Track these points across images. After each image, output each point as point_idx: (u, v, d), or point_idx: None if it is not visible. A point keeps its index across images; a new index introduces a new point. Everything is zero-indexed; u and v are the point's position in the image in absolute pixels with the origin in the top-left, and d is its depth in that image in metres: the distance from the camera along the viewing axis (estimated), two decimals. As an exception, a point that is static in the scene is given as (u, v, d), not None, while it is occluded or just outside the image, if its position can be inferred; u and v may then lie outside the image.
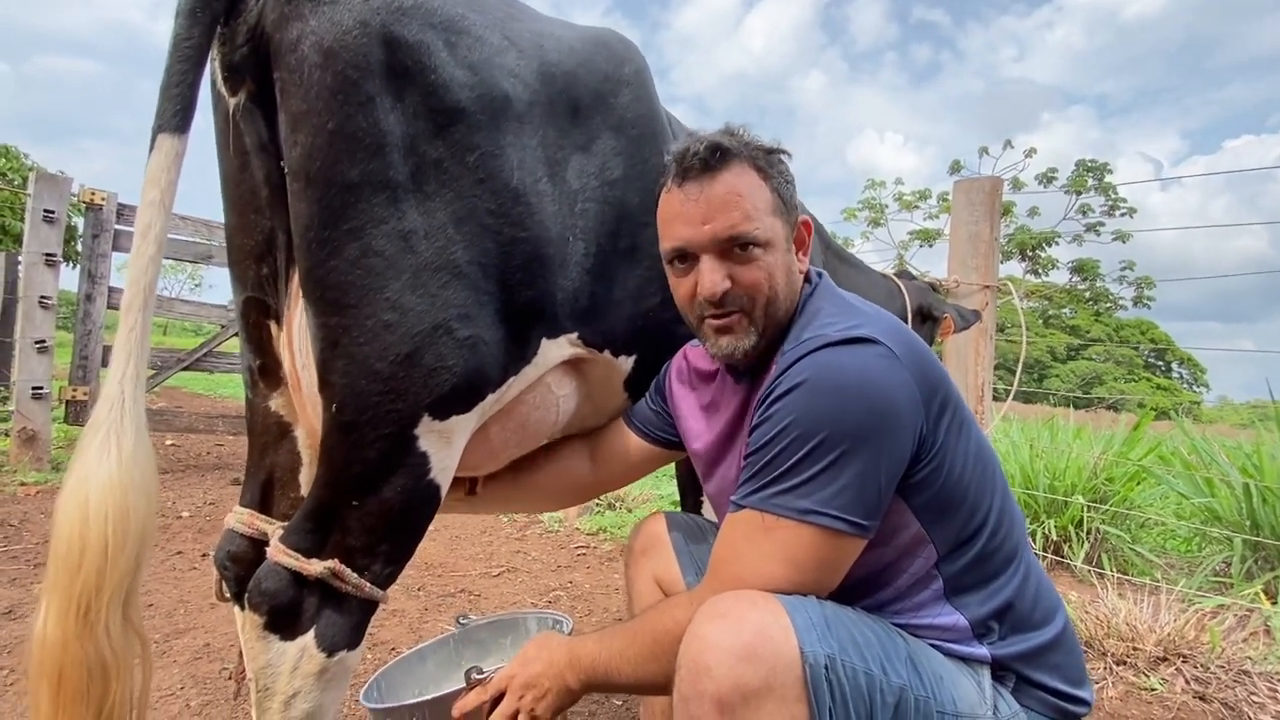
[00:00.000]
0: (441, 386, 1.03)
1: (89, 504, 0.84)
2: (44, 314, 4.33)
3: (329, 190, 0.98)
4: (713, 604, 0.86)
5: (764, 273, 0.99)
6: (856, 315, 0.97)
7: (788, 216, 1.02)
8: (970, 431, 0.97)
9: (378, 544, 1.03)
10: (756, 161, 1.00)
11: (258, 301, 1.14)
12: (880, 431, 0.87)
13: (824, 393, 0.88)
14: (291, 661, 0.98)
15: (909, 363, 0.91)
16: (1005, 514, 0.98)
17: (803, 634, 0.82)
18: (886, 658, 0.86)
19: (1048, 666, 0.95)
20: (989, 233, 2.98)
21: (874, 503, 0.88)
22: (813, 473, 0.86)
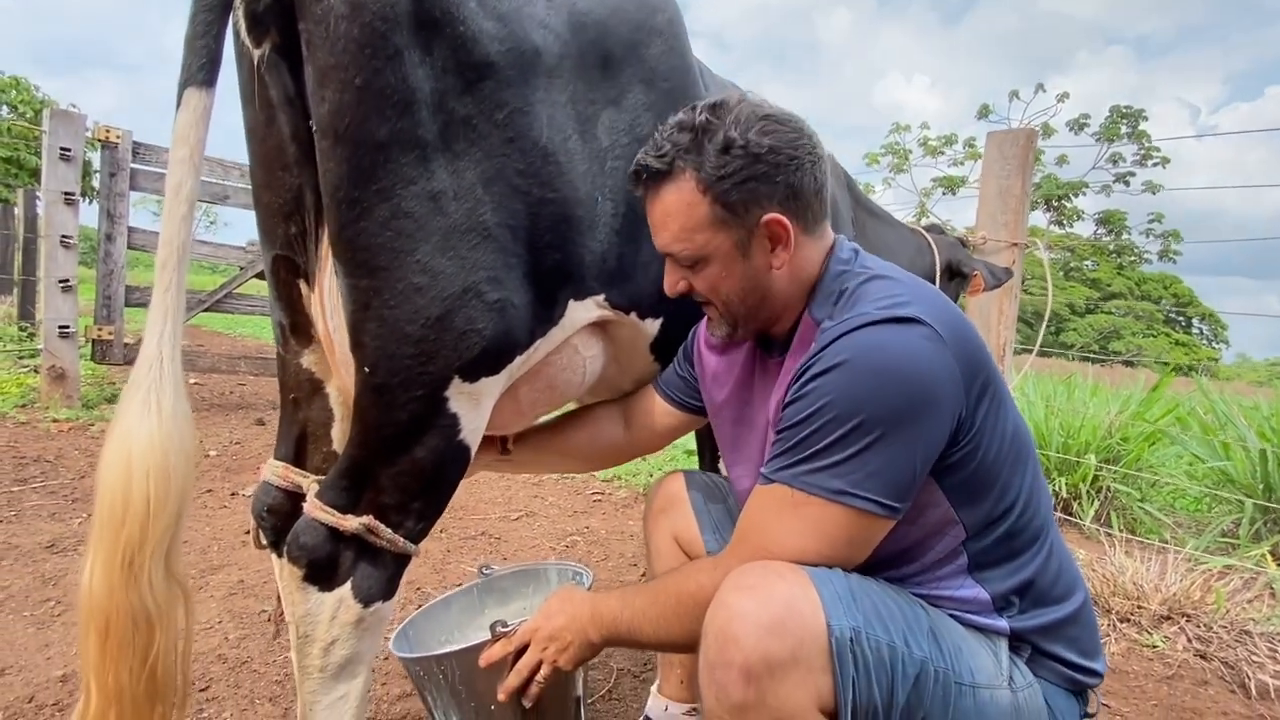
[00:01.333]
0: (471, 349, 1.03)
1: (132, 461, 0.87)
2: (66, 253, 4.36)
3: (358, 149, 0.97)
4: (741, 574, 0.88)
5: (707, 283, 1.03)
6: (900, 291, 0.95)
7: (740, 221, 0.97)
8: (1007, 410, 0.97)
9: (410, 501, 1.06)
10: (701, 171, 0.96)
11: (287, 260, 1.14)
12: (919, 415, 0.86)
13: (864, 374, 0.87)
14: (330, 611, 1.03)
15: (953, 343, 0.89)
16: (1034, 492, 0.98)
17: (829, 607, 0.84)
18: (909, 630, 0.88)
19: (1064, 639, 0.97)
20: (1020, 187, 2.90)
21: (907, 485, 0.88)
22: (847, 454, 0.86)
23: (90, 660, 0.87)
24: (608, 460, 1.45)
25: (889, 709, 0.84)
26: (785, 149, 0.96)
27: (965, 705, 0.88)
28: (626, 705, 1.80)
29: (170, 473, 0.88)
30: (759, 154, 0.95)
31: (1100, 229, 34.96)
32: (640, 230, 1.25)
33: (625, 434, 1.41)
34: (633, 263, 1.25)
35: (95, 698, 0.87)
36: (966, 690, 0.89)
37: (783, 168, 0.96)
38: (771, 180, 0.96)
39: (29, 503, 2.87)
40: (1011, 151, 2.91)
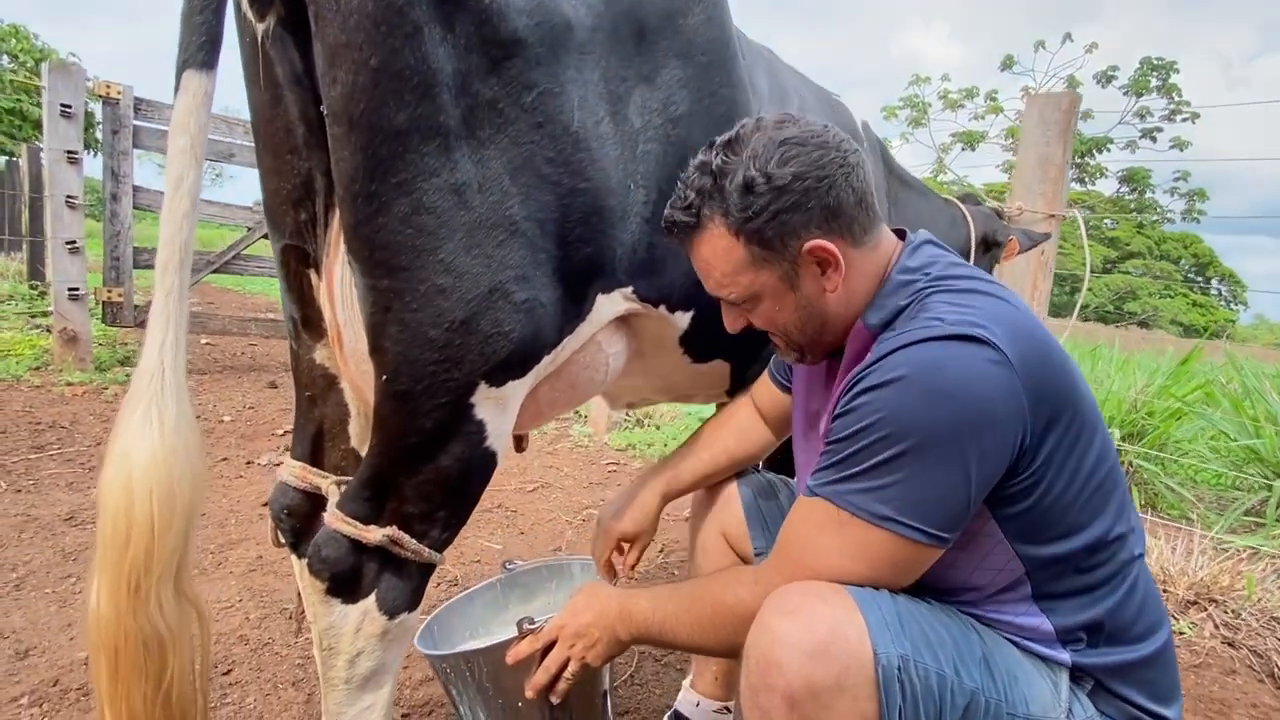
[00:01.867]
0: (498, 354, 0.97)
1: (133, 481, 0.82)
2: (72, 214, 4.29)
3: (374, 137, 0.88)
4: (784, 597, 0.84)
5: (763, 319, 1.00)
6: (972, 305, 0.87)
7: (780, 255, 0.93)
8: (1089, 445, 0.89)
9: (435, 511, 1.01)
10: (729, 216, 0.92)
11: (297, 250, 1.07)
12: (974, 439, 0.80)
13: (918, 394, 0.81)
14: (354, 624, 0.99)
15: (1023, 368, 0.82)
16: (1120, 532, 0.91)
17: (876, 633, 0.80)
18: (960, 658, 0.84)
19: (1136, 682, 0.92)
20: (1061, 155, 2.75)
21: (957, 515, 0.83)
22: (895, 478, 0.82)
23: (103, 687, 0.84)
24: (761, 456, 1.42)
25: None
26: (811, 172, 0.89)
27: None
28: (649, 691, 1.79)
29: (175, 491, 0.84)
30: (783, 185, 0.89)
31: (1123, 187, 34.06)
32: None
33: (769, 432, 1.37)
34: (662, 253, 1.17)
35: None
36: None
37: (812, 192, 0.90)
38: (803, 208, 0.90)
39: (46, 471, 2.87)
40: (1053, 117, 2.75)
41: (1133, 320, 30.30)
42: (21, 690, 1.57)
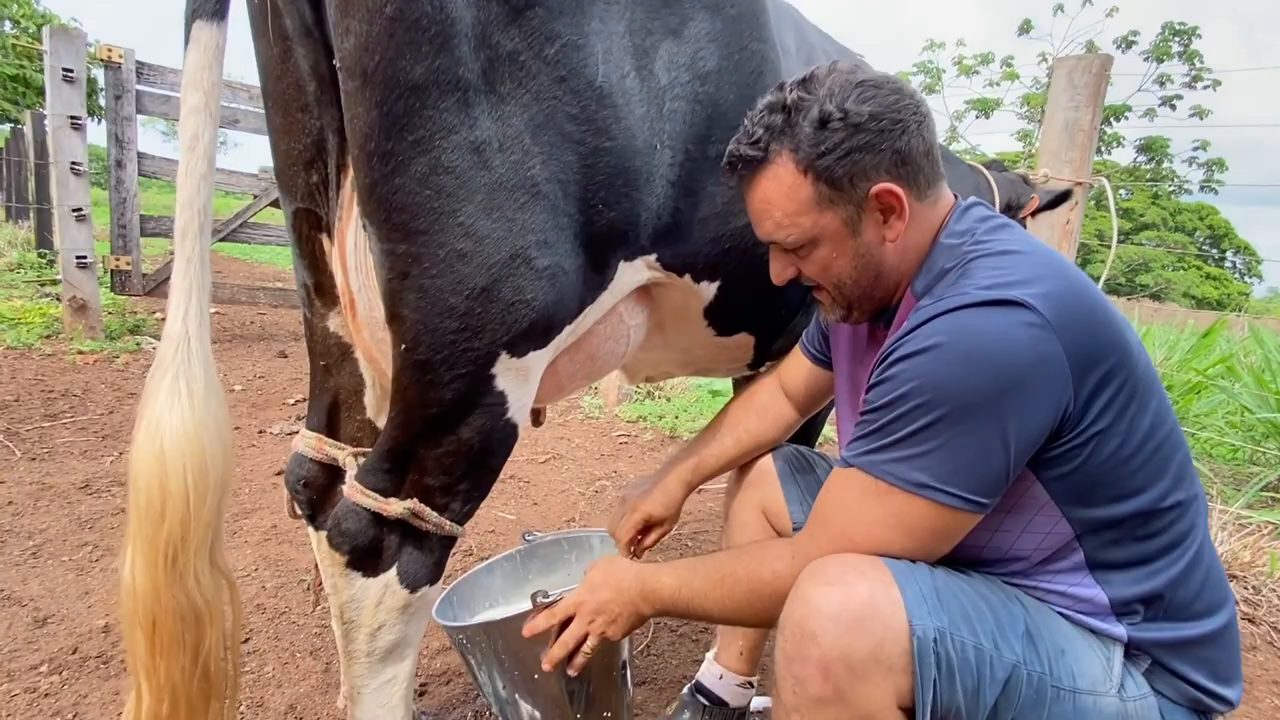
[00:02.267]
0: (520, 322, 0.93)
1: (165, 454, 0.80)
2: (77, 180, 4.24)
3: (390, 92, 0.84)
4: (823, 568, 0.83)
5: (817, 267, 0.97)
6: (1014, 268, 0.84)
7: (847, 197, 0.90)
8: (1144, 406, 0.85)
9: (456, 483, 0.99)
10: (799, 151, 0.89)
11: (309, 213, 1.03)
12: (1011, 405, 0.79)
13: (954, 361, 0.80)
14: (375, 597, 0.97)
15: (1065, 330, 0.79)
16: (1178, 499, 0.88)
17: (912, 607, 0.80)
18: (1000, 632, 0.83)
19: (1195, 659, 0.89)
20: (1089, 121, 2.66)
21: (997, 480, 0.82)
22: (931, 445, 0.81)
23: (139, 659, 0.83)
24: (785, 437, 1.39)
25: (973, 711, 0.81)
26: (887, 113, 0.88)
27: (1062, 710, 0.83)
28: (665, 661, 1.79)
29: (208, 463, 0.83)
30: (859, 123, 0.87)
31: (1140, 156, 33.36)
32: (699, 181, 1.11)
33: (789, 404, 1.35)
34: (689, 219, 1.12)
35: (147, 697, 0.83)
36: (1065, 695, 0.84)
37: (887, 133, 0.88)
38: (877, 149, 0.88)
39: (60, 439, 2.87)
40: (1082, 80, 2.66)
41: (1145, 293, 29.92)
42: (41, 658, 1.58)
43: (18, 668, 1.54)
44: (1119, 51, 29.56)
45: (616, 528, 1.37)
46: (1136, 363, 0.85)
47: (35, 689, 1.48)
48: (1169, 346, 4.24)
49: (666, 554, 2.40)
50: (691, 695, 1.45)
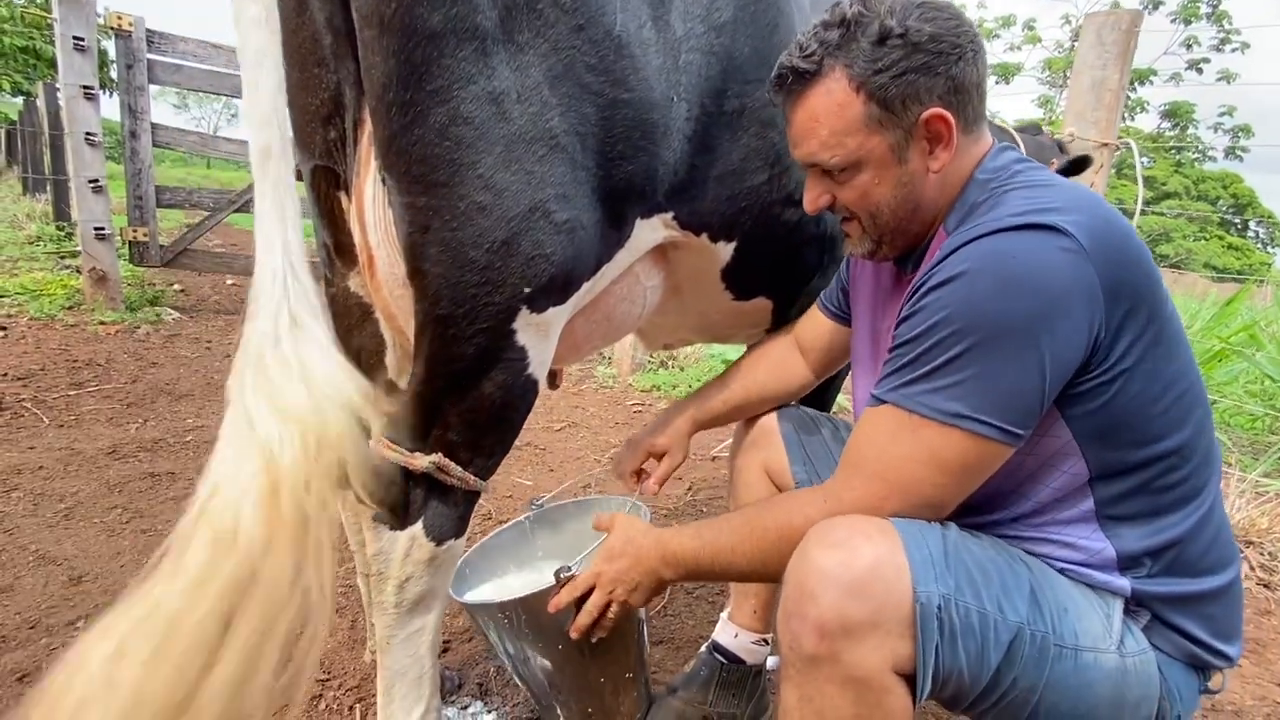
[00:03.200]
0: (540, 277, 0.93)
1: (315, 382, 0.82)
2: (92, 151, 4.25)
3: (408, 40, 0.83)
4: (830, 528, 0.83)
5: (856, 193, 0.93)
6: (1048, 195, 0.83)
7: (898, 120, 0.88)
8: (1170, 353, 0.84)
9: (480, 438, 1.00)
10: (854, 67, 0.87)
11: (327, 171, 1.03)
12: (1047, 330, 0.77)
13: (986, 284, 0.78)
14: (403, 550, 0.99)
15: (1100, 259, 0.78)
16: (1196, 452, 0.88)
17: (918, 572, 0.79)
18: (1005, 593, 0.83)
19: (1197, 615, 0.89)
20: (1118, 80, 2.59)
21: (1032, 408, 0.80)
22: (965, 374, 0.79)
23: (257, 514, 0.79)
24: (796, 395, 1.39)
25: (977, 672, 0.81)
26: (948, 36, 0.86)
27: (1064, 668, 0.84)
28: (681, 621, 1.82)
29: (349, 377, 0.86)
30: (919, 42, 0.85)
31: (1165, 122, 32.47)
32: (716, 137, 1.10)
33: (803, 362, 1.34)
34: (705, 176, 1.11)
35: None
36: (1067, 653, 0.84)
37: (945, 56, 0.86)
38: (933, 72, 0.86)
39: (86, 407, 2.93)
40: (1112, 37, 2.58)
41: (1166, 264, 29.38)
42: (77, 614, 1.63)
43: (56, 623, 1.59)
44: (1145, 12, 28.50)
45: (619, 465, 1.37)
46: (1164, 307, 0.84)
47: (72, 643, 1.53)
48: (1190, 315, 4.17)
49: (681, 518, 2.42)
50: (709, 653, 1.47)
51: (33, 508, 2.08)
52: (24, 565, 1.80)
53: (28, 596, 1.68)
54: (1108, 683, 0.85)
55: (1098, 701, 0.84)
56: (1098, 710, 0.84)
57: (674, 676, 1.51)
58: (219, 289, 5.58)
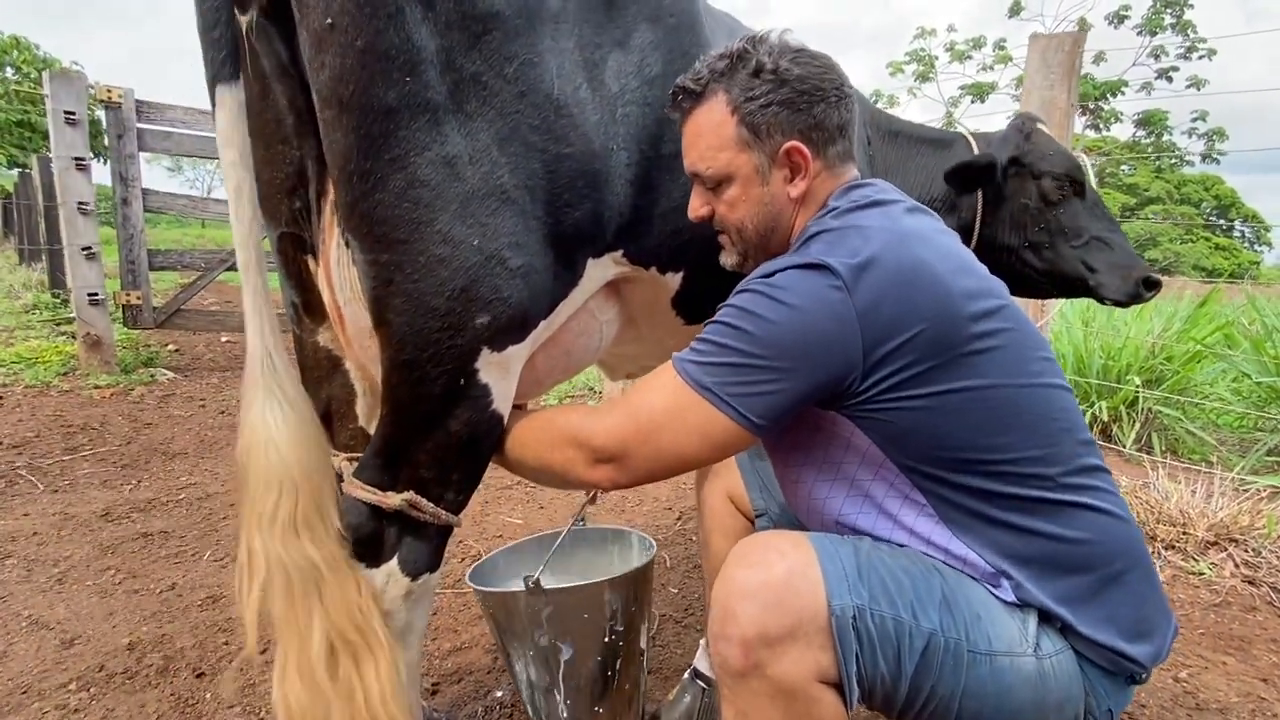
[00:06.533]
0: (499, 319, 1.00)
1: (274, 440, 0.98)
2: (85, 220, 4.36)
3: (365, 116, 0.91)
4: (746, 549, 0.90)
5: (726, 206, 1.06)
6: (852, 238, 0.94)
7: (762, 145, 1.01)
8: (968, 374, 0.90)
9: (449, 474, 1.05)
10: (731, 92, 1.00)
11: (293, 237, 1.10)
12: (799, 357, 0.89)
13: (761, 304, 0.91)
14: (379, 586, 1.04)
15: (866, 298, 0.88)
16: (1033, 458, 0.92)
17: (832, 585, 0.85)
18: (918, 601, 0.87)
19: (1096, 619, 0.91)
20: (1065, 99, 2.70)
21: (772, 408, 0.91)
22: (725, 361, 0.92)
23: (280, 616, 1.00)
24: None
25: (896, 679, 0.86)
26: (813, 79, 1.00)
27: (979, 673, 0.87)
28: (670, 651, 1.84)
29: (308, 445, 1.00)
30: (787, 80, 0.99)
31: (1139, 131, 33.14)
32: (656, 179, 1.18)
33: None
34: (649, 214, 1.18)
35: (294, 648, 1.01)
36: (981, 658, 0.87)
37: (808, 96, 1.00)
38: (795, 108, 0.99)
39: (80, 471, 2.96)
40: (1055, 59, 2.70)
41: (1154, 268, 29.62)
42: (69, 676, 1.65)
43: (48, 687, 1.62)
44: (1111, 27, 29.34)
45: None
46: (959, 327, 0.89)
47: (65, 705, 1.56)
48: (1167, 317, 4.25)
49: (671, 549, 2.45)
50: (691, 680, 1.50)
51: (26, 574, 2.11)
52: (17, 631, 1.83)
53: (20, 662, 1.70)
54: (1026, 687, 0.89)
55: (1020, 706, 0.88)
56: (1021, 715, 0.88)
57: (659, 705, 1.53)
58: (214, 347, 5.64)
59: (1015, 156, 1.81)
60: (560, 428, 1.02)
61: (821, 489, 1.01)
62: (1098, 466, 0.98)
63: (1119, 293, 1.95)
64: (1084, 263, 1.91)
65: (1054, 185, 1.84)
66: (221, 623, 1.89)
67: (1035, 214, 1.85)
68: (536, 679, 1.35)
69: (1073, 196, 1.88)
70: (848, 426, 0.96)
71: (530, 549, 1.59)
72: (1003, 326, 0.93)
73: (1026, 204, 1.84)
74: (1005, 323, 0.94)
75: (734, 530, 1.42)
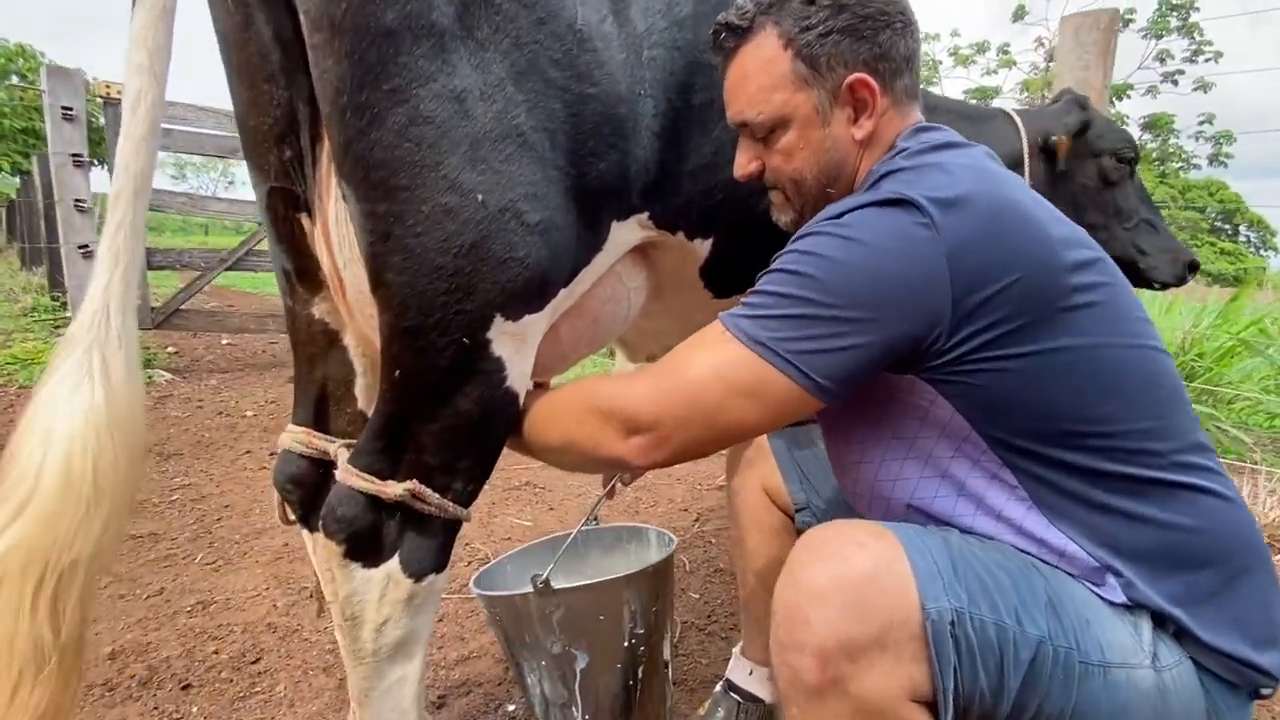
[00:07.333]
0: (513, 282, 0.87)
1: (52, 440, 0.69)
2: (82, 218, 4.25)
3: (360, 40, 0.79)
4: (816, 540, 0.76)
5: (781, 156, 0.92)
6: (922, 174, 0.80)
7: (823, 80, 0.88)
8: (1067, 331, 0.77)
9: (457, 460, 0.92)
10: (783, 24, 0.87)
11: (284, 192, 0.97)
12: (870, 306, 0.75)
13: (828, 245, 0.78)
14: (378, 589, 0.91)
15: (957, 240, 0.74)
16: (1143, 430, 0.79)
17: (924, 583, 0.71)
18: (1022, 604, 0.74)
19: (1217, 623, 0.78)
20: (1101, 79, 2.58)
21: (842, 369, 0.77)
22: (783, 313, 0.78)
23: None
24: None
25: (998, 695, 0.72)
26: (876, 3, 0.87)
27: (1092, 687, 0.74)
28: (695, 661, 1.70)
29: (114, 459, 0.72)
30: (847, 5, 0.86)
31: (1145, 134, 33.00)
32: (684, 132, 1.05)
33: None
34: (676, 172, 1.06)
35: None
36: (1094, 671, 0.74)
37: (872, 22, 0.86)
38: (859, 35, 0.87)
39: (71, 472, 2.84)
40: (1090, 38, 2.58)
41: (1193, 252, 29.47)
42: None
43: (24, 698, 1.49)
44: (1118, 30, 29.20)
45: None
46: (1058, 278, 0.77)
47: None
48: (1195, 315, 4.11)
49: (689, 552, 2.32)
50: (724, 693, 1.37)
51: (9, 578, 1.98)
52: (-5, 639, 1.70)
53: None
54: (1145, 704, 0.75)
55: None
56: None
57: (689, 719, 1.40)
58: (213, 349, 5.54)
59: (1083, 125, 1.70)
60: (587, 396, 0.89)
61: (890, 468, 0.87)
62: (1206, 445, 0.84)
63: (1169, 275, 1.89)
64: (1135, 245, 1.85)
65: (1114, 165, 1.75)
66: (211, 630, 1.76)
67: (1093, 194, 1.76)
68: (551, 693, 1.21)
69: (1128, 177, 1.80)
70: (927, 394, 0.82)
71: (539, 553, 1.46)
72: (1101, 280, 0.81)
73: (1086, 184, 1.76)
74: (1103, 276, 0.81)
75: (771, 527, 1.28)
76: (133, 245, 0.81)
